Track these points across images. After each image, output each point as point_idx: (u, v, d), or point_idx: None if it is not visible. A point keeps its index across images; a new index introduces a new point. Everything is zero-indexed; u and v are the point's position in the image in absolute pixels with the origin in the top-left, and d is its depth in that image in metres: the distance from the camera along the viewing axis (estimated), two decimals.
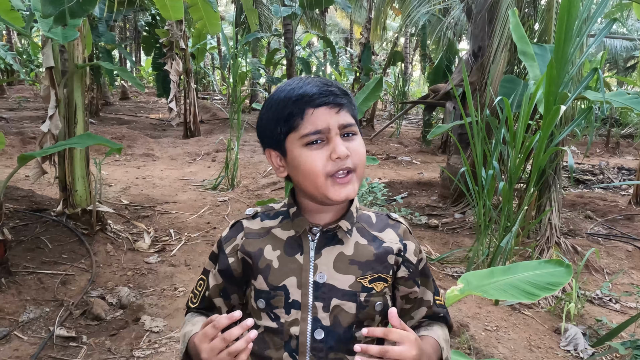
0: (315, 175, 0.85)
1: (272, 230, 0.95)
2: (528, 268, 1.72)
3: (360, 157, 0.88)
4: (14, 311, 2.67)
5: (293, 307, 0.90)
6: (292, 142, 0.87)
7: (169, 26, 8.58)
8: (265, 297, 0.91)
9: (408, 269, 0.96)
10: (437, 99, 5.74)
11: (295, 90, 0.86)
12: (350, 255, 0.91)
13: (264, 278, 0.91)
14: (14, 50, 16.49)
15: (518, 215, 3.01)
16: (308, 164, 0.85)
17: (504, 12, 4.57)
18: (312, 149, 0.85)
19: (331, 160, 0.84)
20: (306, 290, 0.89)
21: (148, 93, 20.10)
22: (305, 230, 0.92)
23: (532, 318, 2.85)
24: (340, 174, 0.85)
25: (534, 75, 3.70)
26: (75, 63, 3.55)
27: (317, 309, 0.89)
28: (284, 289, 0.90)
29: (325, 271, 0.90)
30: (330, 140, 0.85)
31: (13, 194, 4.43)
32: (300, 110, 0.85)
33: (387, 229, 0.97)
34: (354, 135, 0.88)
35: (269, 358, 0.91)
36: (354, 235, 0.94)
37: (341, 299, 0.90)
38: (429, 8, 6.85)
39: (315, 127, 0.84)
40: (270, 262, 0.91)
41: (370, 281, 0.91)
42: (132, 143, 8.49)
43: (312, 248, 0.91)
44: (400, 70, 15.08)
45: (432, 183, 6.84)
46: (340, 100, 0.86)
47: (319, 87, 0.86)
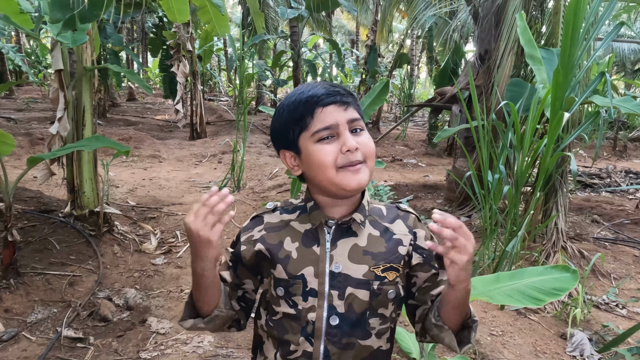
0: (327, 168, 0.91)
1: (291, 223, 1.01)
2: (534, 273, 1.72)
3: (369, 149, 0.94)
4: (23, 312, 2.69)
5: (310, 295, 0.96)
6: (305, 140, 0.94)
7: (176, 28, 8.63)
8: (284, 285, 0.97)
9: (422, 255, 1.01)
10: (443, 102, 5.74)
11: (304, 93, 0.94)
12: (364, 246, 0.97)
13: (283, 267, 0.97)
14: (23, 52, 16.65)
15: (524, 220, 3.00)
16: (320, 158, 0.91)
17: (510, 16, 4.57)
18: (323, 144, 0.92)
19: (342, 154, 0.91)
20: (323, 279, 0.95)
21: (154, 94, 20.18)
22: (321, 223, 0.98)
23: (538, 323, 2.84)
24: (350, 165, 0.91)
25: (541, 79, 3.69)
26: (83, 66, 3.58)
27: (333, 297, 0.95)
28: (302, 278, 0.96)
29: (340, 261, 0.96)
30: (340, 135, 0.92)
31: (21, 195, 4.47)
32: (310, 110, 0.92)
33: (397, 220, 1.03)
34: (362, 131, 0.95)
35: (288, 341, 0.98)
36: (367, 227, 1.00)
37: (355, 287, 0.95)
38: (435, 11, 6.86)
39: (325, 124, 0.91)
40: (289, 253, 0.98)
41: (382, 270, 0.97)
42: (138, 144, 8.54)
43: (328, 240, 0.97)
44: (406, 73, 15.07)
45: (438, 186, 6.83)
46: (346, 99, 0.94)
47: (326, 88, 0.94)
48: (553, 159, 3.03)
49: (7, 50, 6.96)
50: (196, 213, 0.86)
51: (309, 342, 0.96)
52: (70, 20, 1.74)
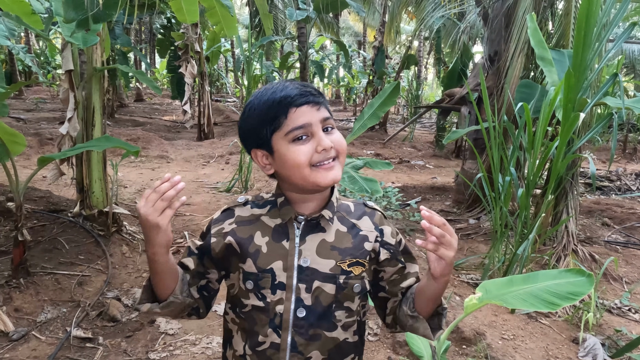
0: (302, 167, 0.93)
1: (262, 217, 1.04)
2: (548, 277, 1.70)
3: (341, 146, 0.98)
4: (32, 311, 2.70)
5: (279, 288, 0.99)
6: (278, 140, 0.95)
7: (184, 29, 8.66)
8: (254, 279, 1.00)
9: (389, 250, 1.05)
10: (452, 103, 5.71)
11: (277, 93, 0.95)
12: (332, 242, 1.01)
13: (253, 261, 1.00)
14: (32, 52, 16.79)
15: (535, 223, 2.97)
16: (296, 158, 0.93)
17: (520, 17, 4.54)
18: (298, 144, 0.94)
19: (317, 153, 0.93)
20: (291, 273, 0.99)
21: (162, 95, 20.29)
22: (291, 218, 1.01)
23: (549, 327, 2.81)
24: (324, 162, 0.95)
25: (552, 81, 3.66)
26: (93, 66, 3.59)
27: (300, 290, 0.99)
28: (271, 272, 0.99)
29: (308, 256, 0.99)
30: (314, 134, 0.94)
31: (31, 195, 4.50)
32: (284, 110, 0.94)
33: (364, 217, 1.07)
34: (333, 129, 0.98)
35: (256, 333, 1.01)
36: (335, 223, 1.03)
37: (322, 281, 0.99)
38: (444, 12, 6.83)
39: (299, 124, 0.93)
40: (259, 247, 1.00)
41: (349, 265, 1.00)
42: (146, 145, 8.57)
43: (297, 235, 1.00)
44: (414, 74, 15.03)
45: (446, 188, 6.79)
46: (318, 99, 0.96)
47: (299, 89, 0.95)
48: (565, 161, 3.00)
49: (17, 51, 7.02)
50: (147, 198, 0.89)
51: (277, 333, 0.99)
52: (84, 21, 1.74)
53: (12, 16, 3.67)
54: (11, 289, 2.76)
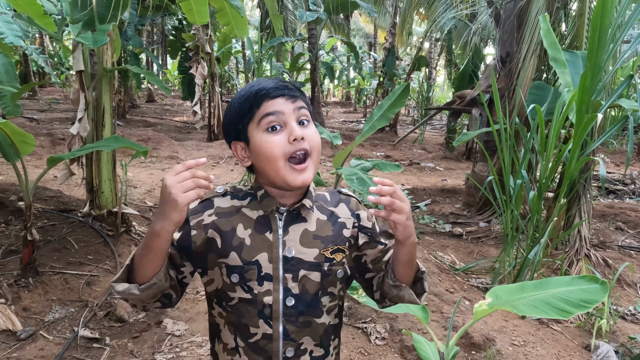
0: (275, 158, 0.94)
1: (242, 209, 1.03)
2: (560, 284, 1.66)
3: (315, 142, 0.98)
4: (40, 310, 2.71)
5: (265, 280, 0.99)
6: (252, 130, 0.97)
7: (195, 30, 8.69)
8: (239, 272, 0.99)
9: (366, 234, 1.08)
10: (463, 105, 5.65)
11: (254, 87, 0.98)
12: (314, 231, 1.03)
13: (237, 254, 0.99)
14: (46, 54, 16.99)
15: (547, 226, 2.92)
16: (268, 148, 0.94)
17: (533, 18, 4.48)
18: (271, 135, 0.95)
19: (289, 143, 0.94)
20: (277, 264, 1.00)
21: (173, 96, 20.44)
22: (272, 210, 1.02)
23: (561, 333, 2.75)
24: (298, 155, 0.95)
25: (565, 83, 3.60)
26: (104, 67, 3.61)
27: (287, 280, 1.00)
28: (256, 264, 0.99)
29: (292, 246, 1.00)
30: (287, 124, 0.95)
31: (42, 194, 4.53)
32: (258, 102, 0.96)
33: (340, 204, 1.09)
34: (309, 123, 0.99)
35: (246, 325, 1.01)
36: (315, 212, 1.05)
37: (308, 269, 1.01)
38: (455, 13, 6.77)
39: (270, 110, 0.95)
40: (243, 240, 1.00)
41: (331, 252, 1.03)
42: (157, 145, 8.61)
43: (280, 226, 1.01)
44: (424, 76, 14.95)
45: (456, 190, 6.73)
46: (294, 93, 0.98)
47: (275, 82, 0.98)
48: (579, 164, 2.94)
49: (30, 52, 7.09)
50: (178, 172, 0.87)
51: (268, 324, 1.00)
52: (90, 21, 1.74)
53: (25, 17, 3.71)
54: (20, 288, 2.78)
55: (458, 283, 3.20)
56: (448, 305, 2.81)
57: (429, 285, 1.09)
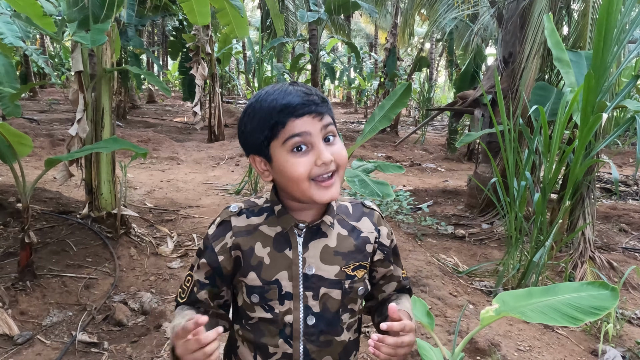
0: (300, 180, 0.90)
1: (260, 227, 1.00)
2: (569, 289, 1.61)
3: (342, 159, 0.94)
4: (38, 314, 2.67)
5: (286, 298, 0.97)
6: (276, 149, 0.92)
7: (195, 31, 8.66)
8: (259, 292, 0.97)
9: (383, 252, 1.07)
10: (465, 105, 5.61)
11: (278, 100, 0.90)
12: (334, 247, 0.99)
13: (257, 274, 0.97)
14: (47, 54, 16.97)
15: (552, 229, 2.88)
16: (293, 170, 0.90)
17: (536, 18, 4.44)
18: (296, 155, 0.90)
19: (316, 166, 0.90)
20: (297, 282, 0.97)
21: (174, 97, 20.41)
22: (291, 226, 0.98)
23: (566, 338, 2.71)
24: (324, 176, 0.91)
25: (569, 83, 3.56)
26: (103, 67, 3.57)
27: (308, 298, 0.97)
28: (276, 283, 0.97)
29: (313, 263, 0.97)
30: (314, 146, 0.90)
31: (41, 196, 4.50)
32: (283, 121, 0.89)
33: (363, 217, 1.06)
34: (334, 138, 0.94)
35: (265, 345, 0.99)
36: (336, 227, 1.02)
37: (328, 287, 0.98)
38: (457, 14, 6.74)
39: (297, 131, 0.89)
40: (262, 259, 0.97)
41: (352, 269, 1.00)
42: (157, 146, 8.58)
43: (300, 243, 0.98)
44: (425, 76, 14.92)
45: (458, 191, 6.69)
46: (321, 109, 0.91)
47: (301, 97, 0.90)
48: (584, 166, 2.90)
49: (30, 53, 7.07)
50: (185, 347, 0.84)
51: (288, 344, 0.98)
52: (85, 20, 1.70)
53: (24, 18, 3.67)
54: (17, 291, 2.74)
55: (461, 286, 3.16)
56: (452, 309, 2.77)
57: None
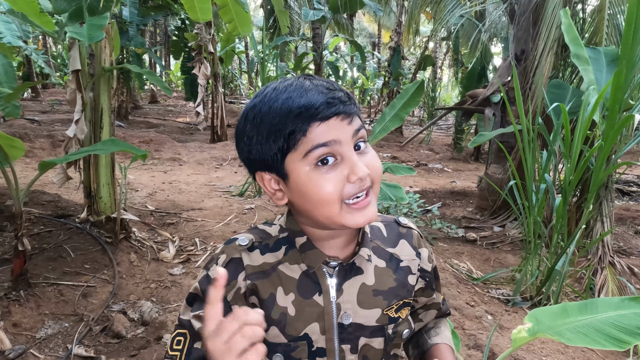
0: (331, 203, 0.69)
1: (279, 267, 0.78)
2: (610, 307, 1.46)
3: (377, 172, 0.73)
4: (32, 326, 2.53)
5: (318, 355, 0.78)
6: (295, 163, 0.69)
7: (197, 30, 8.53)
8: (284, 351, 0.77)
9: (425, 279, 0.88)
10: (475, 104, 5.46)
11: (294, 100, 0.68)
12: (373, 285, 0.80)
13: (280, 330, 0.77)
14: (49, 55, 16.88)
15: (574, 235, 2.72)
16: (319, 190, 0.68)
17: (550, 13, 4.28)
18: (322, 171, 0.68)
19: (349, 183, 0.69)
20: (331, 335, 0.77)
21: (176, 97, 20.30)
22: (319, 265, 0.77)
23: (592, 351, 2.56)
24: (358, 196, 0.70)
25: (588, 80, 3.40)
26: (102, 66, 3.43)
27: (345, 352, 0.78)
28: (306, 338, 0.77)
29: (349, 310, 0.78)
30: (344, 157, 0.69)
31: (39, 199, 4.36)
32: (304, 126, 0.67)
33: (400, 240, 0.87)
34: (366, 145, 0.73)
35: None
36: (372, 258, 0.82)
37: (369, 337, 0.79)
38: (463, 11, 6.58)
39: (323, 140, 0.67)
40: (285, 310, 0.77)
41: (396, 310, 0.82)
42: (159, 147, 8.45)
43: (332, 286, 0.78)
44: (431, 75, 14.76)
45: (467, 192, 6.53)
46: (350, 109, 0.70)
47: (325, 94, 0.68)
48: (610, 169, 2.74)
49: (30, 52, 6.96)
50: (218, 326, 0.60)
51: None
52: (77, 12, 1.56)
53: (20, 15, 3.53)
54: (10, 302, 2.60)
55: (478, 295, 3.00)
56: (470, 321, 2.61)
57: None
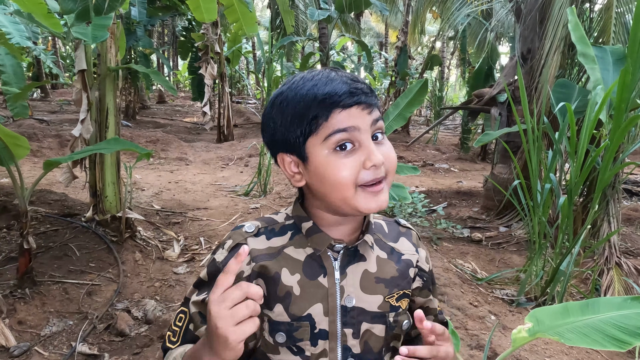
0: (345, 186, 0.73)
1: (285, 250, 0.82)
2: (611, 306, 1.45)
3: (392, 163, 0.78)
4: (37, 324, 2.55)
5: (320, 338, 0.79)
6: (315, 146, 0.75)
7: (204, 30, 8.56)
8: (286, 330, 0.79)
9: (422, 278, 0.92)
10: (481, 104, 5.43)
11: (319, 87, 0.73)
12: (375, 273, 0.83)
13: (284, 308, 0.79)
14: (58, 55, 17.03)
15: (580, 235, 2.70)
16: (336, 173, 0.73)
17: (557, 12, 4.24)
18: (340, 156, 0.73)
19: (364, 169, 0.73)
20: (334, 317, 0.80)
21: (184, 97, 20.40)
22: (325, 247, 0.81)
23: (597, 353, 2.53)
24: (373, 183, 0.75)
25: (594, 79, 3.36)
26: (107, 66, 3.46)
27: (347, 336, 0.80)
28: (309, 319, 0.79)
29: (352, 293, 0.81)
30: (362, 144, 0.74)
31: (46, 198, 4.40)
32: (327, 112, 0.73)
33: (400, 237, 0.91)
34: (383, 137, 0.78)
35: None
36: (374, 248, 0.86)
37: (371, 322, 0.82)
38: (470, 10, 6.55)
39: (343, 126, 0.72)
40: (290, 289, 0.79)
41: (397, 299, 0.85)
42: (166, 147, 8.49)
43: (336, 268, 0.81)
44: (437, 75, 14.70)
45: (473, 192, 6.49)
46: (371, 100, 0.75)
47: (348, 84, 0.74)
48: (616, 169, 2.71)
49: (38, 53, 7.02)
50: (224, 292, 0.64)
51: None
52: (84, 12, 1.58)
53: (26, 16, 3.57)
54: (15, 299, 2.62)
55: (482, 295, 2.99)
56: (472, 321, 2.60)
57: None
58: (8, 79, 5.70)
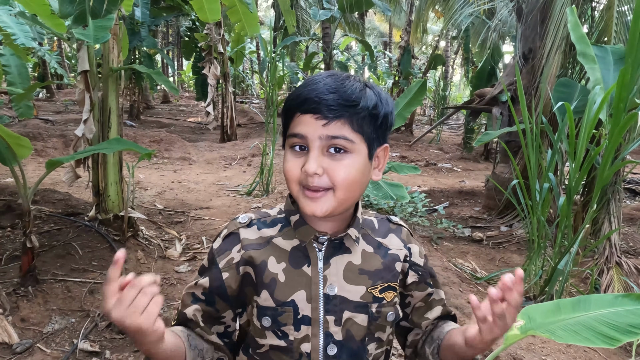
0: (292, 181, 0.81)
1: (273, 240, 0.88)
2: (603, 303, 1.46)
3: (340, 179, 0.78)
4: (39, 321, 2.59)
5: (303, 323, 0.84)
6: (286, 140, 0.83)
7: (207, 30, 8.60)
8: (272, 315, 0.84)
9: (417, 272, 0.94)
10: (482, 103, 5.43)
11: (302, 89, 0.80)
12: (359, 265, 0.87)
13: (269, 293, 0.84)
14: (64, 56, 17.14)
15: (578, 234, 2.70)
16: (286, 167, 0.81)
17: (558, 11, 4.24)
18: (293, 154, 0.81)
19: (301, 172, 0.79)
20: (316, 304, 0.84)
21: (188, 97, 20.48)
22: (310, 239, 0.86)
23: (594, 351, 2.54)
24: (310, 188, 0.79)
25: (594, 79, 3.37)
26: (110, 66, 3.49)
27: (329, 323, 0.84)
28: (292, 304, 0.84)
29: (335, 282, 0.85)
30: (310, 150, 0.78)
31: (50, 197, 4.45)
32: (292, 114, 0.81)
33: (389, 234, 0.94)
34: (345, 153, 0.79)
35: None
36: (360, 243, 0.89)
37: (353, 311, 0.85)
38: (473, 9, 6.54)
39: (296, 131, 0.79)
40: (275, 276, 0.85)
41: (380, 291, 0.87)
42: (169, 146, 8.54)
43: (320, 258, 0.85)
44: (441, 74, 14.69)
45: (475, 192, 6.50)
46: (330, 114, 0.76)
47: (317, 92, 0.77)
48: (614, 168, 2.72)
49: (43, 53, 7.08)
50: (119, 298, 0.67)
51: None
52: (81, 15, 1.61)
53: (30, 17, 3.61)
54: (18, 297, 2.66)
55: (480, 294, 2.99)
56: (470, 320, 2.61)
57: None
58: (13, 80, 5.77)
